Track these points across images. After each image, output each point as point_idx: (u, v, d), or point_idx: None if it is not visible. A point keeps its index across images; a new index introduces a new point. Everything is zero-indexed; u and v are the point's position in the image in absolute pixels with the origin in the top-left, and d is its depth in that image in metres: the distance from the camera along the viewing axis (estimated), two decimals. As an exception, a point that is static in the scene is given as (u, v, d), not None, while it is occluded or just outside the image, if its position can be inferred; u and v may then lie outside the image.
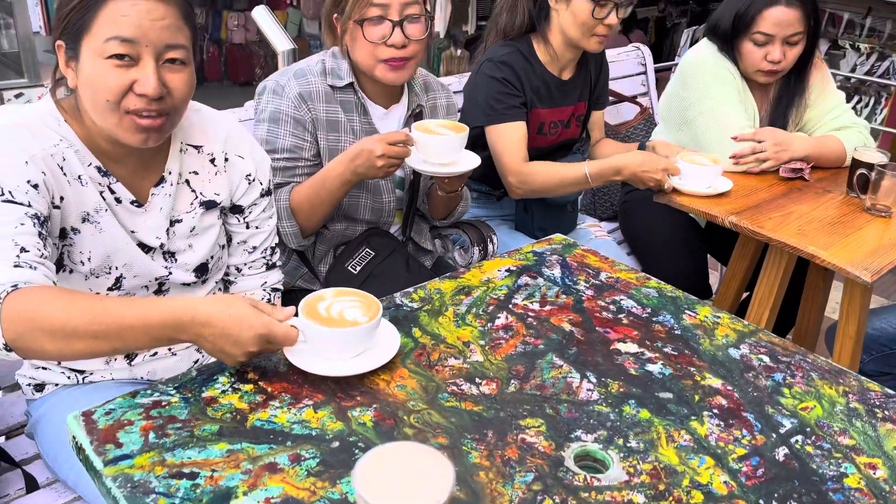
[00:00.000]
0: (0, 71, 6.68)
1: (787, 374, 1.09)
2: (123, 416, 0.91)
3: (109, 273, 1.18)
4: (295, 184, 1.48)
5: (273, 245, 1.38)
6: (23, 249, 0.99)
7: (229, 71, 6.12)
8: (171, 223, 1.22)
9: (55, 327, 0.90)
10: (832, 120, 2.03)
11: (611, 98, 2.69)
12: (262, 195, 1.31)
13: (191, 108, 1.21)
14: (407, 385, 1.01)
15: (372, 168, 1.38)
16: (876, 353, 1.88)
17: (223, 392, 0.97)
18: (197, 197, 1.24)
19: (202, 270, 1.28)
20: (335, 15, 1.46)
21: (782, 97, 2.03)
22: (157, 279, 1.24)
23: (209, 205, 1.25)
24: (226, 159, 1.26)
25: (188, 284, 1.28)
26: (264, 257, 1.37)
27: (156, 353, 1.29)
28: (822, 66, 2.08)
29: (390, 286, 1.54)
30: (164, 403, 0.94)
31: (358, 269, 1.57)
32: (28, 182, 1.04)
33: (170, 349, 1.30)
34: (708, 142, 1.94)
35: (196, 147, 1.24)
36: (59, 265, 1.15)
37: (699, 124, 1.96)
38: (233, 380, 0.99)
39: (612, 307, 1.24)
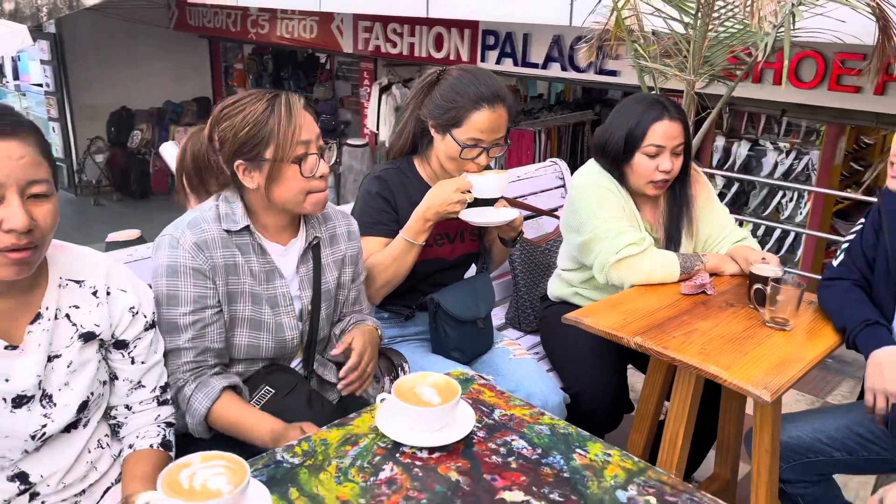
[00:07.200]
0: None
1: (673, 518, 1.07)
2: None
3: None
4: (221, 389, 1.45)
5: (163, 384, 1.41)
6: None
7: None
8: (50, 359, 1.21)
9: None
10: (727, 237, 2.16)
11: (530, 212, 2.76)
12: (146, 328, 1.34)
13: (65, 247, 1.27)
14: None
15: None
16: (793, 460, 1.87)
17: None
18: (77, 330, 1.25)
19: (83, 408, 1.27)
20: (238, 162, 1.46)
21: (672, 208, 2.14)
22: (32, 436, 1.20)
23: (87, 336, 1.26)
24: (108, 293, 1.29)
25: (68, 429, 1.26)
26: (155, 395, 1.39)
27: None
28: (704, 181, 2.22)
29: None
30: None
31: (257, 408, 1.53)
32: None
33: None
34: (604, 258, 2.01)
35: (78, 281, 1.27)
36: None
37: (593, 246, 2.04)
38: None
39: (502, 449, 1.22)
